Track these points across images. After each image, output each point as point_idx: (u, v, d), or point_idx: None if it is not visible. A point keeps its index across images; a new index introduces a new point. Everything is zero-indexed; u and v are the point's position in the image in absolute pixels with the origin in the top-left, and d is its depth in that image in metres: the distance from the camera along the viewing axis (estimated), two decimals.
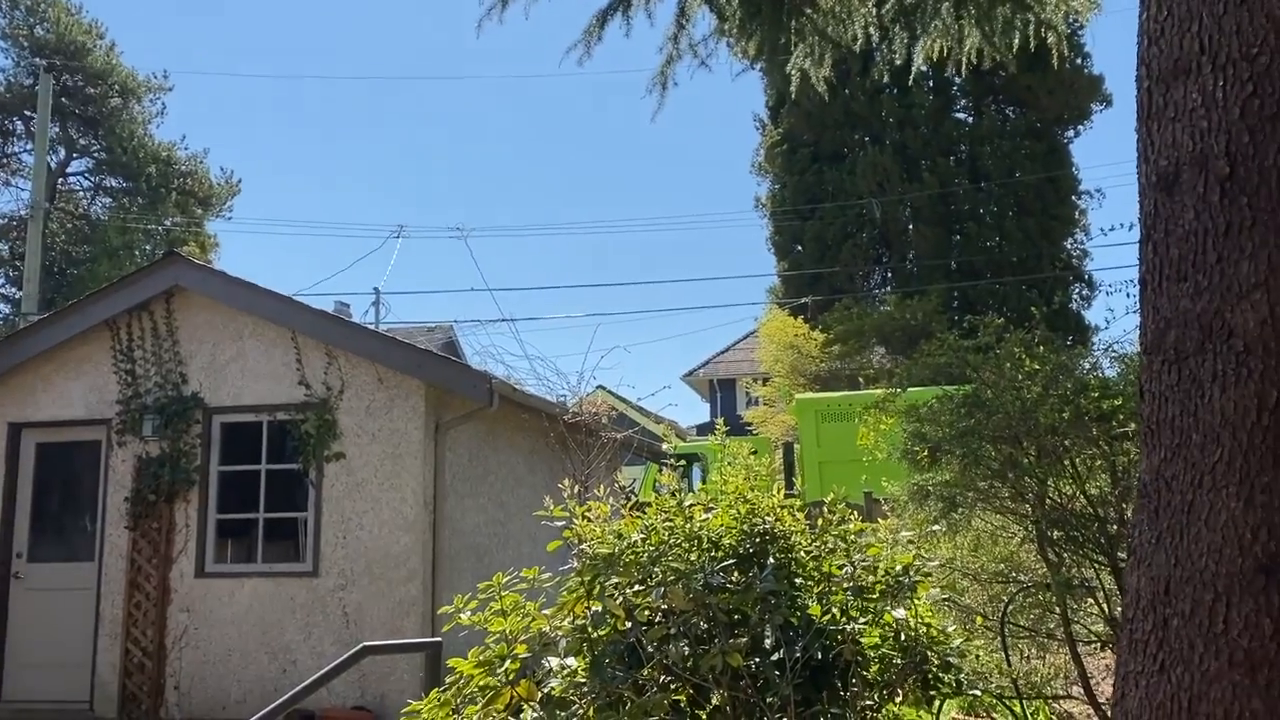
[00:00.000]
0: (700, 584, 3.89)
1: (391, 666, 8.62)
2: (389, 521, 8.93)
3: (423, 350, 9.60)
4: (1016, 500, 5.40)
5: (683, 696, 4.00)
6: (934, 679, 4.15)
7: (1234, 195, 2.46)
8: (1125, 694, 2.54)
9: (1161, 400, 2.56)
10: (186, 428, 9.43)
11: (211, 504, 9.42)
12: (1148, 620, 2.49)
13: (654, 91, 9.96)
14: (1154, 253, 2.64)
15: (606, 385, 17.23)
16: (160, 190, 34.26)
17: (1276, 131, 2.43)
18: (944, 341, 6.13)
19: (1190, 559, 2.40)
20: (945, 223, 26.05)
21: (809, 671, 3.87)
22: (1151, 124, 2.69)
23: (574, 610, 4.07)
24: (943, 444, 5.40)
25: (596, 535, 4.40)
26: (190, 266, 9.91)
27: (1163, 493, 2.51)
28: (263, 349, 9.45)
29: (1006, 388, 5.19)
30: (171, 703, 9.04)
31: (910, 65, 9.66)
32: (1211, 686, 2.31)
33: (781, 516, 4.46)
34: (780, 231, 27.47)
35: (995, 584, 6.06)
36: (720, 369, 34.75)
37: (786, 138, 27.27)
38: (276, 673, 8.86)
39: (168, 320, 9.67)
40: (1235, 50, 2.50)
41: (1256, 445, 2.34)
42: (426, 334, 26.01)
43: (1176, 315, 2.53)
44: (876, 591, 4.20)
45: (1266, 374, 2.36)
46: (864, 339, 23.81)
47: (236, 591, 9.14)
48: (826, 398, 18.05)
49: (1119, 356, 5.55)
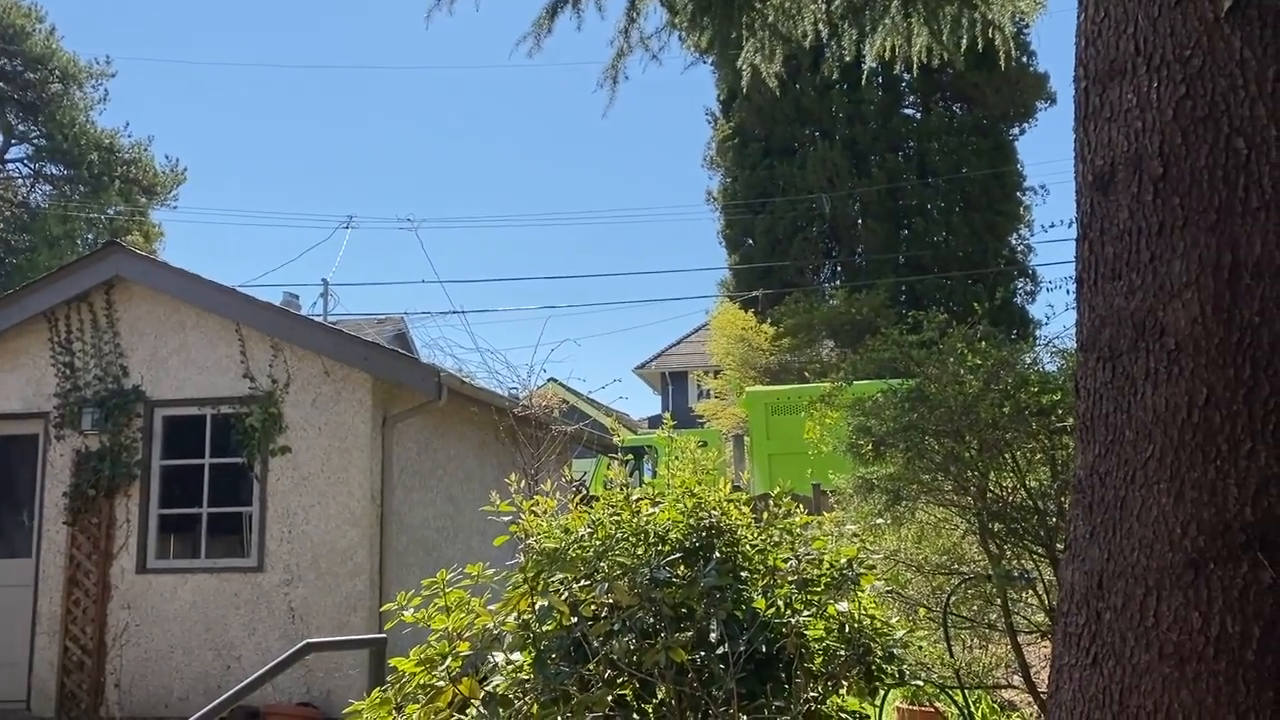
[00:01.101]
0: (646, 579, 3.89)
1: (338, 662, 8.55)
2: (335, 516, 8.84)
3: (370, 343, 9.50)
4: (959, 493, 5.47)
5: (628, 691, 4.00)
6: (877, 670, 4.19)
7: (1167, 195, 2.49)
8: (1059, 686, 2.58)
9: (1096, 397, 2.59)
10: (127, 421, 9.26)
11: (153, 499, 9.26)
12: (1081, 614, 2.53)
13: (605, 85, 9.93)
14: (1090, 251, 2.67)
15: (558, 378, 17.21)
16: (102, 178, 33.58)
17: (1208, 132, 2.47)
18: (889, 337, 6.19)
19: (1122, 553, 2.44)
20: (893, 218, 26.32)
21: (753, 665, 3.89)
22: (1088, 124, 2.72)
23: (518, 606, 4.05)
24: (887, 438, 5.46)
25: (543, 530, 4.39)
26: (131, 257, 9.71)
27: (1096, 488, 2.55)
28: (206, 341, 9.30)
29: (949, 382, 5.25)
30: (112, 701, 8.88)
31: (860, 62, 9.74)
32: (1142, 679, 2.35)
33: (728, 510, 4.48)
34: (731, 225, 27.58)
35: (938, 575, 6.14)
36: (672, 362, 34.84)
37: (738, 132, 27.36)
38: (220, 670, 8.74)
39: (108, 312, 9.48)
40: (1169, 52, 2.54)
41: (1187, 442, 2.38)
42: (376, 325, 25.77)
43: (1111, 313, 2.57)
44: (821, 584, 4.23)
45: (1197, 372, 2.39)
46: (813, 333, 24.00)
47: (179, 588, 8.99)
48: (776, 390, 18.17)
49: (1059, 351, 5.64)
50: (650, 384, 36.08)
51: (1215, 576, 2.29)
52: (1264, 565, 2.25)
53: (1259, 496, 2.28)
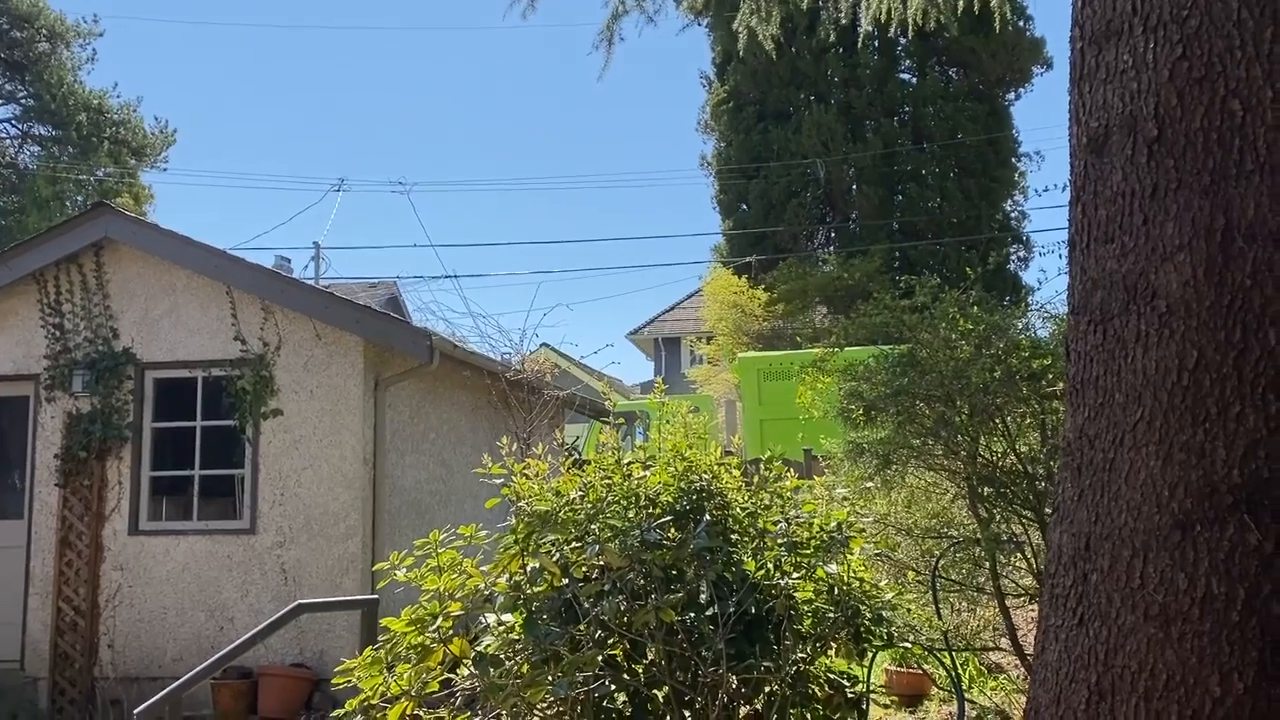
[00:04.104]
0: (637, 541, 3.91)
1: (330, 624, 8.59)
2: (328, 478, 8.85)
3: (361, 306, 9.47)
4: (949, 457, 5.49)
5: (618, 652, 4.03)
6: (866, 632, 4.23)
7: (1161, 158, 2.48)
8: (1045, 647, 2.60)
9: (1087, 360, 2.59)
10: (118, 383, 9.23)
11: (145, 461, 9.26)
12: (1069, 575, 2.54)
13: (600, 47, 9.85)
14: (1083, 214, 2.66)
15: (550, 343, 17.19)
16: (91, 139, 33.21)
17: (1204, 94, 2.45)
18: (881, 301, 6.18)
19: (1110, 516, 2.45)
20: (888, 183, 26.20)
21: (743, 626, 3.92)
22: (1083, 85, 2.70)
23: (510, 567, 4.07)
24: (878, 402, 5.47)
25: (535, 493, 4.40)
26: (121, 218, 9.64)
27: (1085, 451, 2.55)
28: (197, 304, 9.26)
29: (940, 347, 5.25)
30: (105, 661, 8.92)
31: (857, 25, 9.65)
32: (1127, 639, 2.37)
33: (718, 474, 4.49)
34: (725, 190, 27.43)
35: (927, 539, 6.17)
36: (665, 327, 34.77)
37: (733, 95, 27.15)
38: (213, 631, 8.77)
39: (98, 274, 9.42)
40: (1166, 12, 2.51)
41: (1176, 405, 2.39)
42: (369, 290, 25.67)
43: (1103, 276, 2.56)
44: (811, 547, 4.26)
45: (1188, 335, 2.39)
46: (807, 298, 23.96)
47: (172, 549, 9.01)
48: (768, 356, 18.17)
49: (1051, 316, 5.65)
50: (643, 350, 36.06)
51: (1202, 538, 2.31)
52: (1250, 527, 2.26)
53: (1246, 459, 2.29)
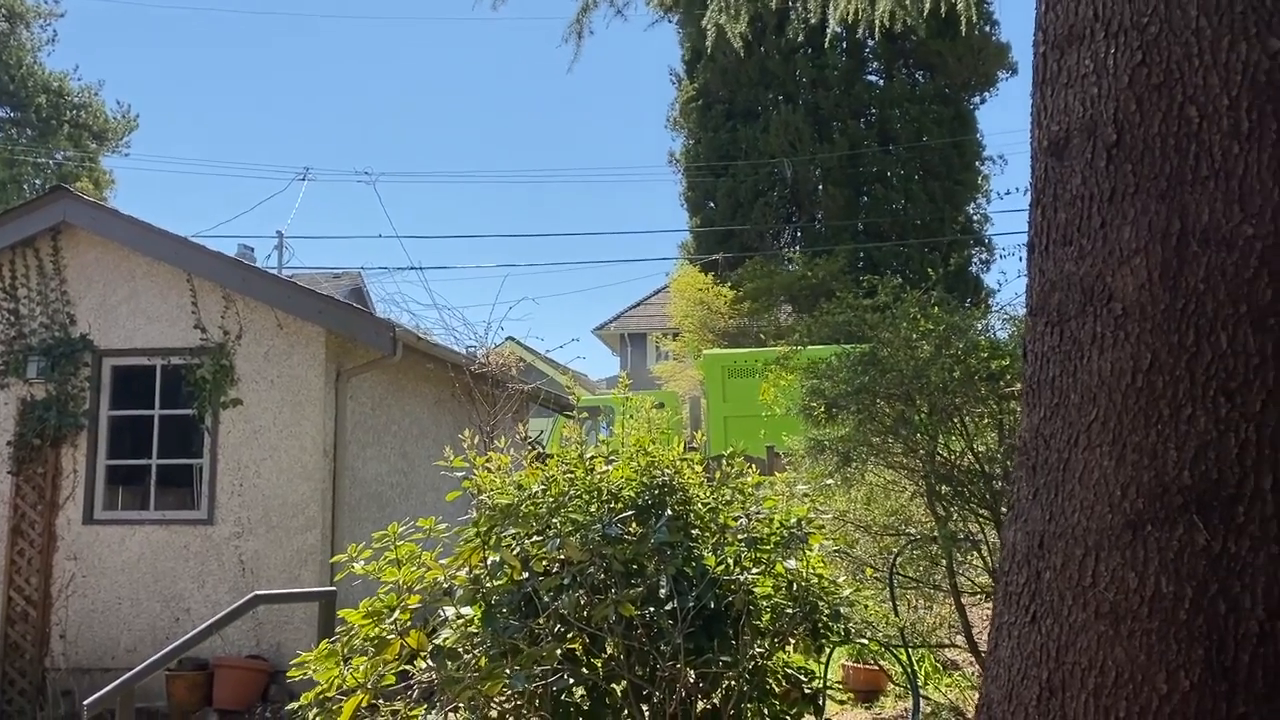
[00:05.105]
0: (598, 535, 3.91)
1: (288, 615, 8.52)
2: (287, 469, 8.77)
3: (324, 296, 9.39)
4: (908, 455, 5.54)
5: (578, 645, 4.03)
6: (824, 628, 4.26)
7: (1119, 162, 2.52)
8: (999, 644, 2.63)
9: (1043, 360, 2.63)
10: (75, 370, 9.10)
11: (101, 449, 9.12)
12: (1022, 573, 2.58)
13: (570, 40, 9.81)
14: (1042, 216, 2.69)
15: (516, 337, 17.14)
16: (51, 122, 32.68)
17: (1162, 101, 2.49)
18: (844, 300, 6.22)
19: (1064, 514, 2.49)
20: (854, 184, 26.36)
21: (702, 620, 3.93)
22: (1045, 89, 2.73)
23: (470, 561, 4.06)
24: (839, 400, 5.50)
25: (496, 486, 4.40)
26: (79, 203, 9.49)
27: (1041, 450, 2.59)
28: (157, 291, 9.14)
29: (901, 347, 5.29)
30: (57, 652, 8.79)
31: (825, 25, 9.69)
32: (1078, 637, 2.40)
33: (681, 469, 4.50)
34: (693, 188, 27.48)
35: (886, 536, 6.23)
36: (631, 323, 34.78)
37: (702, 93, 27.20)
38: (169, 621, 8.67)
39: (55, 259, 9.27)
40: (1127, 18, 2.55)
41: (1130, 406, 2.42)
42: (333, 280, 25.47)
43: (1061, 278, 2.60)
44: (770, 543, 4.28)
45: (1143, 337, 2.43)
46: (772, 297, 24.07)
47: (128, 539, 8.89)
48: (733, 354, 18.24)
49: (1010, 318, 5.71)
50: (609, 345, 36.05)
51: (1152, 538, 2.34)
52: (1199, 528, 2.30)
53: (1197, 460, 2.33)
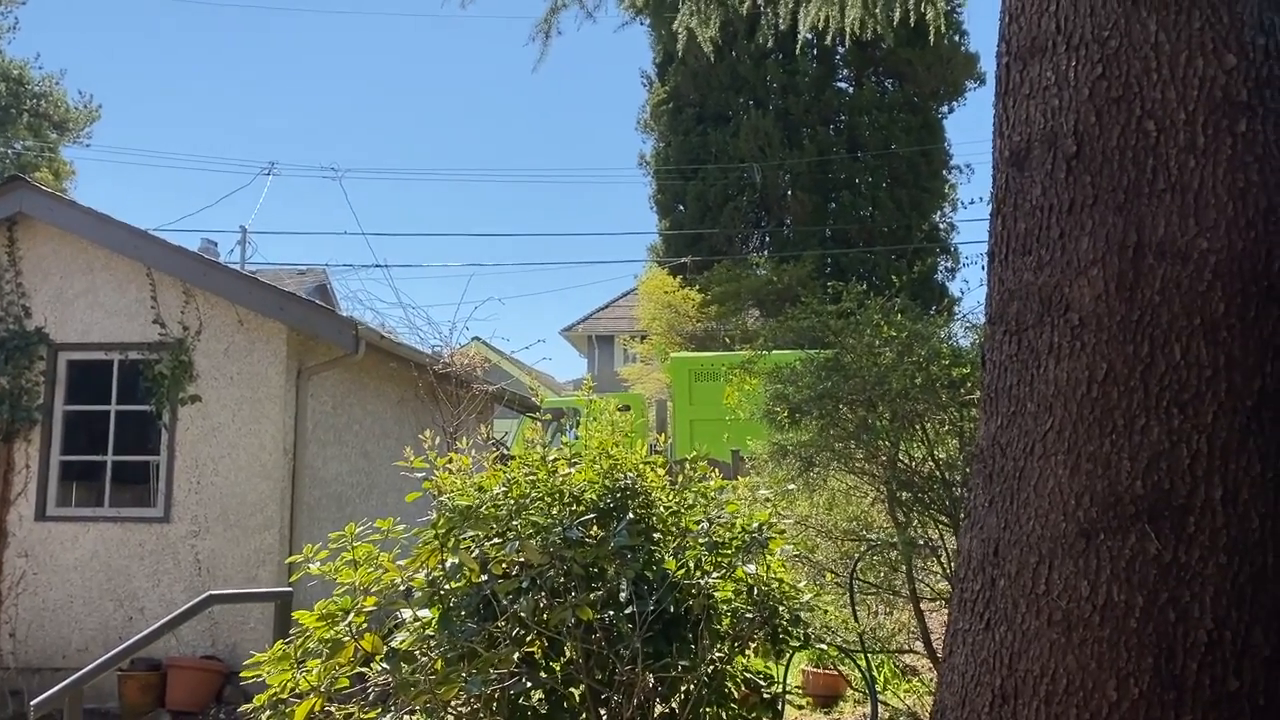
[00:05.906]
0: (558, 538, 3.89)
1: (245, 616, 8.41)
2: (246, 467, 8.67)
3: (286, 293, 9.29)
4: (870, 461, 5.56)
5: (535, 649, 4.00)
6: (784, 632, 4.26)
7: (1079, 173, 2.54)
8: (954, 650, 2.64)
9: (1001, 369, 2.64)
10: (29, 364, 8.94)
11: (55, 445, 8.98)
12: (977, 580, 2.59)
13: (538, 39, 9.77)
14: (1002, 226, 2.71)
15: (482, 337, 17.06)
16: (10, 111, 32.15)
17: (1121, 113, 2.51)
18: (809, 305, 6.24)
19: (1019, 522, 2.50)
20: (822, 190, 26.50)
21: (661, 624, 3.91)
22: (1008, 100, 2.76)
23: (428, 562, 4.02)
24: (802, 405, 5.52)
25: (457, 488, 4.36)
26: (36, 193, 9.32)
27: (997, 458, 2.60)
28: (115, 284, 9.00)
29: (864, 353, 5.32)
30: (6, 651, 8.63)
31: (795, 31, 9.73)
32: (1031, 644, 2.42)
33: (644, 472, 4.49)
34: (663, 190, 27.52)
35: (847, 541, 6.25)
36: (599, 325, 34.74)
37: (673, 96, 27.24)
38: (122, 621, 8.54)
39: (10, 250, 9.11)
40: (1088, 32, 2.58)
41: (1085, 416, 2.45)
42: (297, 277, 25.24)
43: (1019, 288, 2.62)
44: (732, 547, 4.27)
45: (1098, 348, 2.45)
46: (740, 301, 24.14)
47: (81, 536, 8.75)
48: (700, 357, 18.27)
49: (972, 326, 5.76)
50: (577, 347, 35.98)
51: (1105, 547, 2.36)
52: (1150, 537, 2.33)
53: (1150, 470, 2.35)
